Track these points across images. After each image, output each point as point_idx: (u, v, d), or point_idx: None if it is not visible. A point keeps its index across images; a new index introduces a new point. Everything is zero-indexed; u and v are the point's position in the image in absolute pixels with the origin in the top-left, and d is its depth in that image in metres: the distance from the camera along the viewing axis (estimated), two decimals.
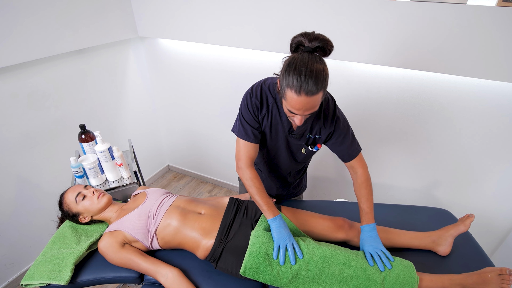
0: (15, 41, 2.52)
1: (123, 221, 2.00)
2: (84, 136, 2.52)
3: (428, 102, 2.58)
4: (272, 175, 2.36)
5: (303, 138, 2.02)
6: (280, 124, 1.96)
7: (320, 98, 1.56)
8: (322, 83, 1.51)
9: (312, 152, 2.11)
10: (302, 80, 1.47)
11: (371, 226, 1.96)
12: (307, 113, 1.61)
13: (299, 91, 1.49)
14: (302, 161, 2.23)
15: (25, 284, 1.85)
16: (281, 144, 2.07)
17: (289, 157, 2.15)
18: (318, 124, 1.94)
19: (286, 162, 2.20)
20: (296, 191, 2.56)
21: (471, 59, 2.18)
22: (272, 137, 2.05)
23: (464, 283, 1.74)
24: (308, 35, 1.58)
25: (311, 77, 1.47)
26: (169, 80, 3.95)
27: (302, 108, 1.56)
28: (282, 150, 2.11)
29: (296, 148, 2.09)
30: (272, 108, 1.92)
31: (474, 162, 2.66)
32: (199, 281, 1.91)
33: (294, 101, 1.54)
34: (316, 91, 1.50)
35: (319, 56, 1.57)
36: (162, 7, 3.23)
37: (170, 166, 5.03)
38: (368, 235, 1.94)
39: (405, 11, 2.22)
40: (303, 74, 1.47)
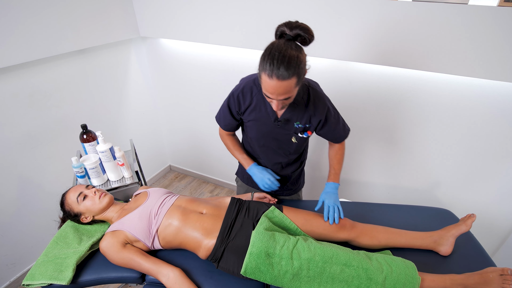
0: (16, 41, 2.52)
1: (125, 221, 2.00)
2: (86, 136, 2.52)
3: (430, 102, 2.58)
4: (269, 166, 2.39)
5: (291, 127, 2.08)
6: (265, 114, 2.05)
7: (293, 84, 1.63)
8: (294, 68, 1.58)
9: (302, 139, 2.17)
10: (274, 64, 1.56)
11: (337, 185, 2.19)
12: (281, 98, 1.68)
13: (271, 75, 1.58)
14: (294, 151, 2.26)
15: (27, 284, 1.85)
16: (269, 135, 2.15)
17: (280, 148, 2.22)
18: (308, 113, 2.02)
19: (278, 153, 2.26)
20: (294, 187, 2.58)
21: (472, 59, 2.18)
22: (259, 128, 2.14)
23: (466, 283, 1.74)
24: (290, 24, 1.66)
25: (283, 62, 1.55)
26: (170, 80, 3.96)
27: (275, 93, 1.64)
28: (271, 141, 2.19)
29: (286, 138, 2.15)
30: (258, 97, 2.03)
31: (476, 162, 2.66)
32: (201, 281, 1.91)
33: (267, 85, 1.64)
34: (287, 76, 1.57)
35: (295, 44, 1.65)
36: (164, 7, 3.23)
37: (172, 166, 5.03)
38: (332, 192, 2.15)
39: (407, 11, 2.22)
40: (275, 58, 1.56)
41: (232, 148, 2.38)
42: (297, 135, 2.11)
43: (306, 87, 2.01)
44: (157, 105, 4.36)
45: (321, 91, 2.09)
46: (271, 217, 2.04)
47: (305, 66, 1.68)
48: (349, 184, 3.43)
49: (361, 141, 3.05)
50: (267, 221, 1.96)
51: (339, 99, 2.91)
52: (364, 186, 3.35)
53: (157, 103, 4.34)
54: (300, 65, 1.61)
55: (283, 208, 2.13)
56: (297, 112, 2.02)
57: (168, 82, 4.01)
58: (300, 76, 1.64)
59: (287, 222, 2.04)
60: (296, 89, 1.69)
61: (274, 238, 1.83)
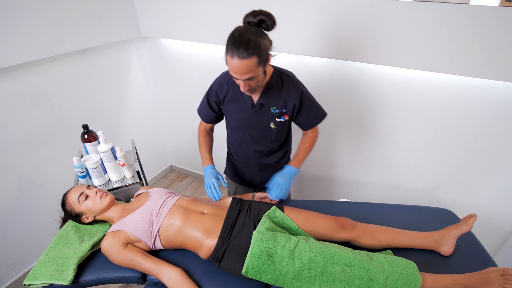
0: (18, 41, 2.52)
1: (126, 221, 2.00)
2: (87, 136, 2.53)
3: (431, 102, 2.58)
4: (249, 160, 2.47)
5: (268, 113, 2.18)
6: (243, 101, 2.19)
7: (254, 63, 1.74)
8: (253, 48, 1.70)
9: (281, 124, 2.23)
10: (235, 45, 1.70)
11: (294, 170, 2.24)
12: (245, 77, 1.79)
13: (232, 55, 1.72)
14: (275, 138, 2.31)
15: (28, 284, 1.86)
16: (248, 123, 2.25)
17: (261, 136, 2.31)
18: (283, 97, 2.14)
19: (259, 142, 2.34)
20: None
21: (474, 59, 2.18)
22: (238, 117, 2.26)
23: (467, 283, 1.74)
24: (254, 12, 1.81)
25: (243, 42, 1.69)
26: (172, 80, 3.96)
27: (238, 72, 1.77)
28: (252, 130, 2.29)
29: (264, 125, 2.23)
30: (234, 86, 2.17)
31: (477, 162, 2.65)
32: (202, 281, 1.91)
33: (230, 65, 1.77)
34: (246, 55, 1.70)
35: (256, 27, 1.79)
36: (165, 7, 3.23)
37: (173, 166, 5.03)
38: (287, 174, 2.22)
39: (408, 11, 2.22)
40: (236, 39, 1.71)
41: (202, 145, 2.47)
42: (274, 120, 2.18)
43: (279, 74, 2.14)
44: (158, 105, 4.36)
45: (295, 77, 2.20)
46: (272, 217, 2.05)
47: (268, 49, 1.81)
48: (351, 184, 3.43)
49: (362, 141, 3.05)
50: (268, 221, 1.96)
51: (340, 99, 2.91)
52: (365, 186, 3.35)
53: (158, 103, 4.34)
54: (260, 46, 1.73)
55: (284, 208, 2.13)
56: (272, 97, 2.13)
57: (169, 82, 4.01)
58: (261, 56, 1.75)
59: (288, 222, 2.04)
60: (259, 69, 1.81)
61: (275, 238, 1.83)
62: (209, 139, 2.51)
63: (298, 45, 2.72)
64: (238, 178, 2.65)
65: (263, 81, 1.97)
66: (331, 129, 3.14)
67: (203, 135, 2.48)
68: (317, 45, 2.63)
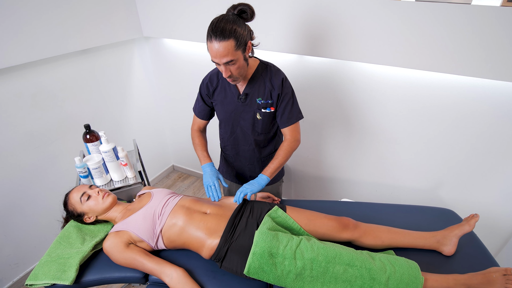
0: (20, 41, 2.53)
1: (129, 221, 2.00)
2: (89, 136, 2.53)
3: (433, 102, 2.57)
4: (238, 152, 2.51)
5: (253, 103, 2.24)
6: (230, 93, 2.27)
7: (231, 46, 1.83)
8: (230, 32, 1.80)
9: (266, 115, 2.27)
10: (212, 30, 1.80)
11: (265, 178, 2.23)
12: (224, 60, 1.86)
13: (211, 39, 1.81)
14: (262, 130, 2.34)
15: (30, 284, 1.86)
16: (235, 114, 2.32)
17: (248, 128, 2.36)
18: (268, 88, 2.20)
19: (247, 134, 2.38)
20: None
21: (475, 59, 2.18)
22: (226, 108, 2.33)
23: (469, 283, 1.74)
24: (234, 5, 1.92)
25: (219, 26, 1.79)
26: (173, 80, 3.96)
27: (218, 55, 1.85)
28: (239, 121, 2.35)
29: (251, 115, 2.29)
30: (222, 79, 2.28)
31: (479, 162, 2.65)
32: (204, 281, 1.91)
33: (210, 50, 1.86)
34: (223, 38, 1.79)
35: (234, 16, 1.88)
36: (167, 7, 3.23)
37: (175, 166, 5.03)
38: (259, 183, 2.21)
39: (410, 11, 2.22)
40: (214, 25, 1.81)
41: (197, 144, 2.49)
42: (260, 110, 2.23)
43: (264, 66, 2.23)
44: (160, 105, 4.36)
45: (281, 70, 2.26)
46: (275, 217, 2.05)
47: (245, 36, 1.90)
48: (353, 184, 3.43)
49: (364, 141, 3.05)
50: (270, 221, 1.96)
51: (342, 99, 2.91)
52: (367, 186, 3.35)
53: (160, 103, 4.34)
54: (236, 30, 1.82)
55: (286, 208, 2.14)
56: (257, 87, 2.21)
57: (171, 82, 4.01)
58: (238, 40, 1.84)
59: (290, 222, 2.04)
60: (237, 53, 1.88)
61: (277, 238, 1.83)
62: (203, 139, 2.54)
63: (299, 45, 2.72)
64: (229, 174, 2.69)
65: (245, 70, 2.04)
66: (333, 129, 3.14)
67: (197, 135, 2.52)
68: (319, 45, 2.63)
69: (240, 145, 2.44)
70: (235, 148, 2.48)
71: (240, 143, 2.43)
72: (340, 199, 3.09)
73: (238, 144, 2.44)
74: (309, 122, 3.22)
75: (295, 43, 2.72)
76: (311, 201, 2.55)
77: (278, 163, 2.27)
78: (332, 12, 2.46)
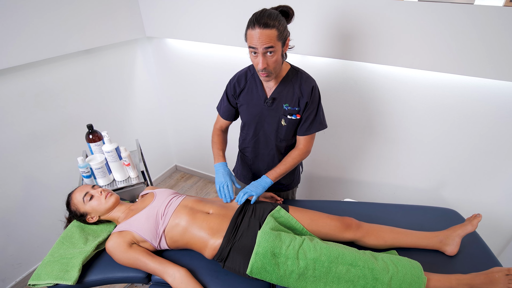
0: (23, 41, 2.53)
1: (132, 221, 2.01)
2: (92, 136, 2.53)
3: (436, 102, 2.57)
4: (258, 156, 2.47)
5: (280, 108, 2.18)
6: (256, 95, 2.21)
7: (274, 35, 1.79)
8: (274, 21, 1.77)
9: (291, 122, 2.21)
10: (257, 18, 1.76)
11: (268, 181, 2.23)
12: (265, 45, 1.79)
13: (254, 26, 1.77)
14: (284, 136, 2.30)
15: (33, 284, 1.86)
16: (260, 117, 2.26)
17: (271, 133, 2.31)
18: (296, 95, 2.14)
19: (269, 139, 2.34)
20: (287, 182, 2.59)
21: (478, 59, 2.18)
22: (250, 111, 2.27)
23: (472, 283, 1.74)
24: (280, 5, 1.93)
25: (264, 15, 1.76)
26: (176, 80, 3.96)
27: (259, 40, 1.78)
28: (263, 124, 2.30)
29: (275, 120, 2.23)
30: (250, 80, 2.23)
31: (482, 162, 2.65)
32: (207, 281, 1.91)
33: (251, 36, 1.80)
34: (267, 26, 1.75)
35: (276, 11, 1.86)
36: (170, 7, 3.24)
37: (178, 166, 5.04)
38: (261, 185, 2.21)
39: (412, 11, 2.22)
40: (257, 14, 1.78)
41: (215, 142, 2.45)
42: (286, 117, 2.18)
43: (295, 71, 2.16)
44: (163, 105, 4.37)
45: (311, 77, 2.19)
46: (277, 217, 2.05)
47: (287, 31, 1.89)
48: (355, 184, 3.43)
49: (367, 141, 3.05)
50: (273, 221, 1.97)
51: (345, 99, 2.91)
52: (370, 186, 3.35)
53: (163, 103, 4.34)
54: (281, 22, 1.80)
55: (289, 208, 2.14)
56: (286, 93, 2.14)
57: (174, 82, 4.02)
58: (281, 32, 1.81)
59: (293, 222, 2.04)
60: (278, 44, 1.84)
61: (280, 238, 1.83)
62: (223, 139, 2.50)
63: (303, 45, 2.72)
64: (244, 176, 2.65)
65: (280, 67, 2.00)
66: (336, 129, 3.14)
67: (217, 133, 2.48)
68: (323, 45, 2.63)
69: (261, 149, 2.42)
70: (254, 151, 2.46)
71: (261, 147, 2.41)
72: (343, 199, 3.08)
73: (258, 147, 2.42)
74: None
75: (298, 43, 2.71)
76: (314, 201, 2.55)
77: (285, 169, 2.26)
78: (335, 12, 2.46)
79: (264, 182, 2.20)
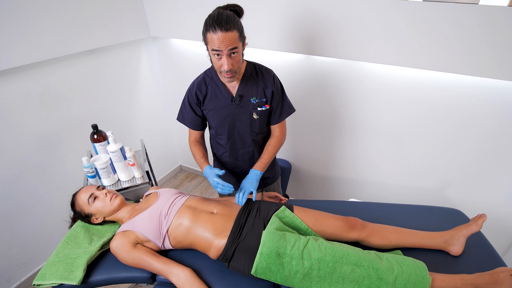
0: (28, 41, 2.54)
1: (135, 221, 2.01)
2: (96, 136, 2.54)
3: (441, 102, 2.57)
4: (237, 157, 2.47)
5: (248, 104, 2.23)
6: (222, 97, 2.23)
7: (236, 36, 1.83)
8: (233, 22, 1.80)
9: (263, 113, 2.27)
10: (216, 21, 1.78)
11: (258, 172, 2.23)
12: (230, 47, 1.83)
13: (215, 30, 1.77)
14: (259, 129, 2.33)
15: (38, 284, 1.87)
16: (231, 118, 2.28)
17: (245, 129, 2.33)
18: (260, 86, 2.22)
19: (243, 135, 2.35)
20: (271, 175, 2.63)
21: (483, 59, 2.17)
22: (220, 114, 2.27)
23: (476, 283, 1.74)
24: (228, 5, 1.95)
25: (223, 17, 1.78)
26: (181, 80, 3.96)
27: (223, 43, 1.80)
28: (236, 123, 2.31)
29: (247, 116, 2.27)
30: (210, 85, 2.23)
31: (487, 162, 2.64)
32: (211, 281, 1.92)
33: (214, 40, 1.81)
34: (229, 27, 1.78)
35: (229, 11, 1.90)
36: (174, 7, 3.24)
37: (182, 166, 5.05)
38: (251, 178, 2.21)
39: (417, 11, 2.22)
40: (215, 17, 1.79)
41: (196, 153, 2.41)
42: (256, 110, 2.24)
43: (252, 65, 2.24)
44: (167, 105, 4.37)
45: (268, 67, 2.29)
46: (282, 217, 2.05)
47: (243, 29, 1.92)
48: (360, 184, 3.43)
49: (372, 141, 3.05)
50: (277, 221, 1.97)
51: (349, 99, 2.91)
52: (375, 186, 3.35)
53: (167, 103, 4.35)
54: (238, 22, 1.86)
55: (293, 208, 2.14)
56: (250, 87, 2.20)
57: (178, 82, 4.02)
58: (241, 32, 1.87)
59: (298, 222, 2.04)
60: (240, 45, 1.89)
61: (284, 238, 1.83)
62: (202, 148, 2.46)
63: (307, 44, 2.72)
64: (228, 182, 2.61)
65: (241, 65, 2.04)
66: (341, 129, 3.14)
67: (193, 145, 2.45)
68: (326, 45, 2.63)
69: (239, 149, 2.42)
70: (233, 154, 2.45)
71: (238, 147, 2.41)
72: (348, 199, 3.08)
73: (236, 148, 2.42)
74: (316, 122, 3.22)
75: (303, 42, 2.71)
76: (319, 201, 2.55)
77: (269, 158, 2.30)
78: (340, 11, 2.46)
79: (254, 175, 2.20)
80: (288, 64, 2.94)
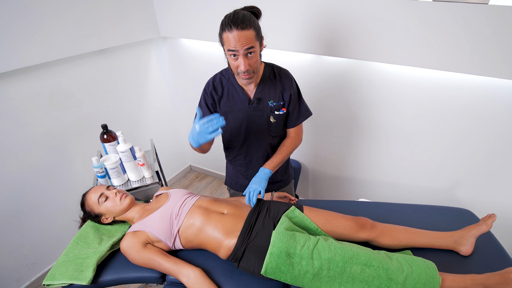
0: (38, 41, 2.55)
1: (146, 221, 2.02)
2: (106, 136, 2.54)
3: (451, 103, 2.56)
4: (252, 160, 2.45)
5: (266, 107, 2.18)
6: (238, 99, 2.18)
7: (253, 35, 1.80)
8: (250, 21, 1.78)
9: (280, 117, 2.23)
10: (232, 20, 1.76)
11: (267, 171, 2.16)
12: (246, 47, 1.80)
13: (231, 29, 1.76)
14: (275, 133, 2.30)
15: (47, 284, 1.87)
16: (247, 121, 2.23)
17: (261, 132, 2.28)
18: (278, 89, 2.17)
19: (260, 140, 2.31)
20: (284, 178, 2.60)
21: (493, 59, 2.17)
22: (236, 116, 2.22)
23: (486, 283, 1.73)
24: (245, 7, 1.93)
25: (239, 16, 1.77)
26: (191, 80, 3.98)
27: (239, 42, 1.77)
28: (252, 126, 2.26)
29: (264, 120, 2.23)
30: (227, 86, 2.19)
31: (497, 162, 2.64)
32: (221, 281, 1.92)
33: (230, 39, 1.79)
34: (245, 27, 1.76)
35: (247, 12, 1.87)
36: (184, 7, 3.25)
37: (192, 166, 5.06)
38: (260, 177, 2.13)
39: (427, 11, 2.21)
40: (232, 16, 1.78)
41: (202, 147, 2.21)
42: (273, 113, 2.20)
43: (270, 67, 2.20)
44: (177, 105, 4.38)
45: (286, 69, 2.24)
46: (292, 217, 2.05)
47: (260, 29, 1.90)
48: (370, 184, 3.43)
49: (382, 141, 3.04)
50: (287, 221, 1.96)
51: (359, 99, 2.91)
52: (385, 186, 3.34)
53: (177, 103, 4.36)
54: (255, 21, 1.84)
55: (303, 208, 2.13)
56: (268, 90, 2.16)
57: (188, 82, 4.03)
58: (257, 31, 1.85)
59: (308, 222, 2.04)
60: (257, 44, 1.86)
61: (294, 238, 1.83)
62: None
63: (317, 45, 2.72)
64: (240, 186, 2.62)
65: (259, 65, 2.00)
66: (350, 129, 3.14)
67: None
68: (336, 45, 2.63)
69: (254, 153, 2.39)
70: (248, 157, 2.43)
71: (254, 150, 2.38)
72: (358, 199, 3.08)
73: (252, 151, 2.39)
74: (327, 122, 3.22)
75: (313, 43, 2.71)
76: (328, 201, 2.55)
77: (281, 158, 2.26)
78: (350, 12, 2.46)
79: (263, 173, 2.16)
80: (297, 64, 2.94)
